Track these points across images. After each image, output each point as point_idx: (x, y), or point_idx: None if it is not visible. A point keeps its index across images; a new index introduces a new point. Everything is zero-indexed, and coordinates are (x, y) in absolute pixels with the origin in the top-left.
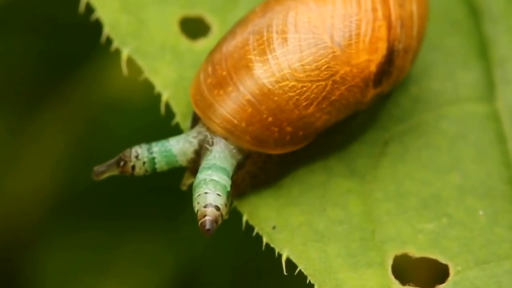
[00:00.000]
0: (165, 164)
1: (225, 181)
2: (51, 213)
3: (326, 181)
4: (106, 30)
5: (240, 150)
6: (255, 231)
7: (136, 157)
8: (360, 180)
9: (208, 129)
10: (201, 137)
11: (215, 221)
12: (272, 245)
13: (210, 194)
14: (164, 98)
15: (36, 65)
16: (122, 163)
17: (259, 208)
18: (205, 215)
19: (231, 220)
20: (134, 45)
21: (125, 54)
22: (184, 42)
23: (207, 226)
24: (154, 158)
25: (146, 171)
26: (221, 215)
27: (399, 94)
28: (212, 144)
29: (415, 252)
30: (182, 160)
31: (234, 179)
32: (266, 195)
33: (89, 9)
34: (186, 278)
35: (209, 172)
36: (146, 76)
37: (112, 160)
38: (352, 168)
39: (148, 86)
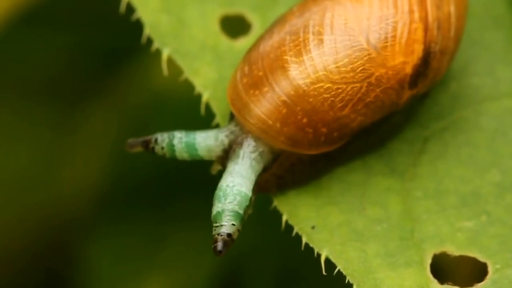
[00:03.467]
0: (187, 155)
1: (245, 195)
2: (99, 204)
3: (366, 179)
4: (147, 31)
5: (268, 152)
6: (295, 231)
7: (155, 141)
8: (400, 178)
9: (241, 128)
10: (232, 137)
11: (226, 246)
12: (311, 245)
13: (225, 226)
14: (204, 98)
15: (82, 61)
16: (144, 143)
17: (298, 208)
18: (217, 242)
19: (273, 217)
20: (174, 45)
21: (165, 54)
22: (224, 41)
23: (219, 250)
24: (173, 145)
25: (165, 155)
26: (233, 240)
27: (439, 91)
28: (241, 147)
29: (453, 250)
30: (207, 156)
31: (258, 180)
32: (305, 194)
33: (130, 8)
34: (230, 268)
35: (232, 179)
36: (187, 76)
37: (141, 139)
38: (391, 166)
39: (190, 83)
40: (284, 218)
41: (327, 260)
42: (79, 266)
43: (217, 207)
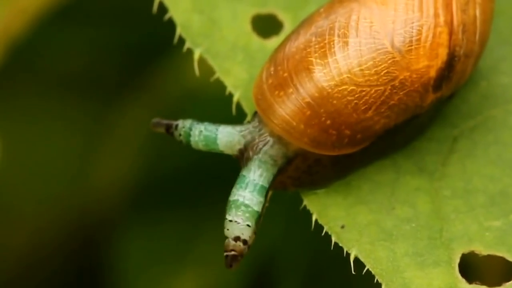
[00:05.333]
0: (203, 147)
1: (258, 204)
2: (131, 204)
3: (395, 179)
4: (178, 31)
5: (283, 156)
6: (325, 230)
7: (176, 126)
8: (429, 178)
9: (261, 129)
10: (249, 138)
11: (240, 255)
12: (340, 244)
13: (240, 225)
14: (235, 98)
15: (115, 57)
16: (167, 127)
17: (328, 207)
18: (231, 250)
19: (303, 217)
20: (206, 45)
21: (197, 54)
22: (255, 40)
23: (230, 262)
24: (189, 135)
25: (181, 142)
26: (248, 247)
27: (468, 90)
28: (258, 152)
29: (482, 249)
30: (226, 151)
31: (272, 182)
32: (335, 194)
33: (163, 7)
34: (262, 266)
35: (244, 192)
36: (218, 76)
37: (165, 121)
38: (420, 165)
39: (221, 82)
40: (314, 217)
41: (356, 259)
42: (111, 266)
43: (232, 200)
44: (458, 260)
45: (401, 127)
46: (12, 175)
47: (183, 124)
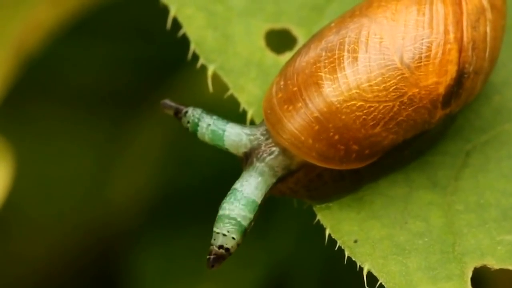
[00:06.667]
0: (209, 139)
1: (246, 219)
2: (148, 216)
3: (408, 193)
4: (192, 47)
5: (287, 167)
6: (338, 244)
7: (185, 113)
8: (442, 192)
9: (268, 138)
10: (255, 143)
11: (222, 258)
12: (353, 259)
13: (225, 237)
14: (249, 116)
15: (129, 73)
16: (176, 111)
17: (341, 222)
18: (214, 254)
19: (317, 231)
20: (220, 61)
21: (210, 71)
22: (269, 56)
23: (213, 263)
24: (197, 126)
25: (187, 129)
26: (230, 254)
27: (481, 104)
28: (262, 160)
29: (494, 263)
30: (231, 150)
31: (271, 189)
32: (348, 209)
33: (177, 24)
34: (276, 281)
35: (234, 206)
36: (232, 92)
37: (175, 105)
38: (433, 180)
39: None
40: (327, 232)
41: (369, 274)
42: (128, 278)
43: (221, 212)
44: (470, 274)
45: (410, 143)
46: (30, 189)
47: (192, 113)
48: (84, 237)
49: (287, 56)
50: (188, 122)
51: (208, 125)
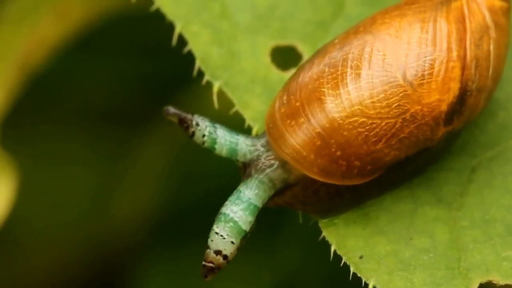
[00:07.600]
0: (225, 154)
1: (247, 223)
2: (153, 231)
3: (413, 209)
4: (198, 63)
5: (285, 181)
6: (343, 260)
7: (196, 124)
8: (447, 208)
9: (271, 149)
10: (255, 155)
11: (217, 268)
12: (359, 275)
13: (224, 240)
14: (254, 132)
15: (135, 89)
16: (185, 125)
17: (346, 238)
18: (210, 261)
19: (322, 247)
20: (225, 78)
21: (216, 87)
22: (274, 73)
23: (206, 273)
24: (216, 139)
25: (203, 143)
26: (227, 262)
27: (486, 121)
28: (261, 172)
29: (499, 279)
30: (230, 157)
31: (268, 201)
32: (354, 225)
33: (182, 40)
34: None
35: (236, 208)
36: (237, 109)
37: (179, 112)
38: (439, 196)
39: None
40: (333, 248)
41: None
42: None
43: (222, 212)
44: None
45: (412, 159)
46: (36, 203)
47: (205, 125)
48: (88, 252)
49: (292, 72)
50: (204, 136)
51: (224, 136)
